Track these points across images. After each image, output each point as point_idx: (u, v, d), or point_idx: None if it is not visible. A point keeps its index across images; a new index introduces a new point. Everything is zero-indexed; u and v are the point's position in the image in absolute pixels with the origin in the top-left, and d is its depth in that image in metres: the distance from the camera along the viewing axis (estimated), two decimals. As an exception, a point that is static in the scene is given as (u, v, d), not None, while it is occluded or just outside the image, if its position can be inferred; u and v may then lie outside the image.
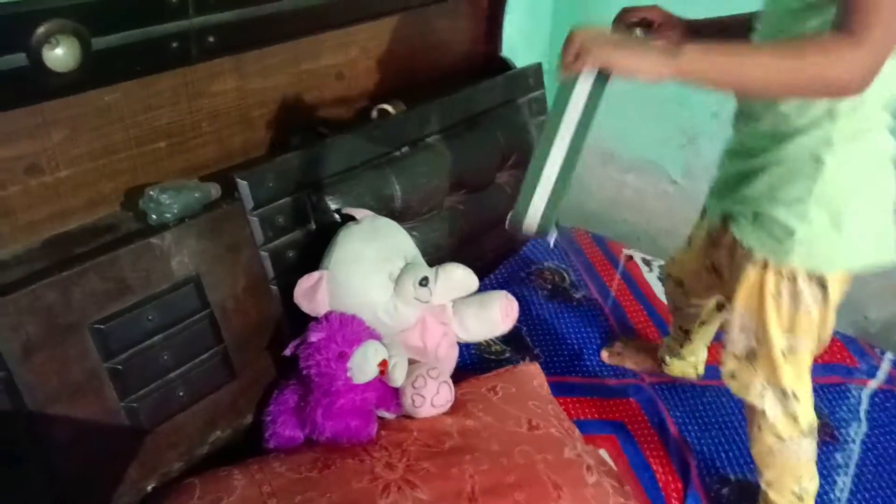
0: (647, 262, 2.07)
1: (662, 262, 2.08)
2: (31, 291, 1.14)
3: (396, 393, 1.42)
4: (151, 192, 1.32)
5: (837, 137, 1.01)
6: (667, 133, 2.25)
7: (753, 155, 1.12)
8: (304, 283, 1.41)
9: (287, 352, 1.39)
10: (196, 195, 1.38)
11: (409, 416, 1.42)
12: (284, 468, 1.30)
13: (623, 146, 2.37)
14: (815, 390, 1.62)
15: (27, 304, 1.14)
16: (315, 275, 1.41)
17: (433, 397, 1.40)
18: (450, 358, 1.56)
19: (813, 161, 1.04)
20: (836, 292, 1.13)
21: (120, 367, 1.25)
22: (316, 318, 1.41)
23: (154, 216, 1.32)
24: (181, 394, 1.34)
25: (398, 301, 1.41)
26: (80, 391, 1.21)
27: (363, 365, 1.35)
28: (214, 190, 1.42)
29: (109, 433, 1.26)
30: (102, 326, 1.22)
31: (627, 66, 0.90)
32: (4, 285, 1.14)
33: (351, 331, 1.38)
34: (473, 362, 1.69)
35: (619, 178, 2.43)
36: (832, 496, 1.44)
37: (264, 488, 1.25)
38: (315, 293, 1.41)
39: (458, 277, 1.50)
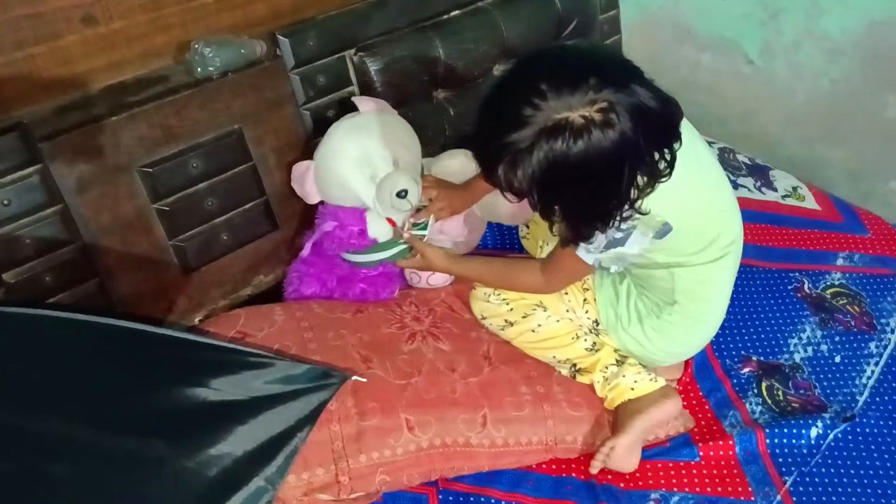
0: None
1: (724, 145, 2.01)
2: (84, 132, 1.25)
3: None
4: (196, 46, 1.38)
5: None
6: (747, 8, 2.10)
7: None
8: (294, 171, 1.43)
9: (304, 253, 1.42)
10: (242, 51, 1.43)
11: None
12: (322, 310, 1.41)
13: (701, 22, 2.23)
14: (861, 278, 1.60)
15: (80, 144, 1.25)
16: (304, 164, 1.42)
17: (428, 277, 1.50)
18: (471, 240, 1.61)
19: None
20: None
21: (167, 208, 1.36)
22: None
23: (199, 69, 1.39)
24: (225, 238, 1.46)
25: (379, 206, 1.40)
26: (131, 227, 1.34)
27: (383, 235, 1.42)
28: (260, 47, 1.46)
29: (159, 267, 1.40)
30: (150, 170, 1.33)
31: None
32: (63, 128, 1.25)
33: (353, 211, 1.41)
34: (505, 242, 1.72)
35: (694, 58, 2.31)
36: (858, 382, 1.42)
37: (303, 324, 1.35)
38: (304, 182, 1.42)
39: (456, 168, 1.51)
